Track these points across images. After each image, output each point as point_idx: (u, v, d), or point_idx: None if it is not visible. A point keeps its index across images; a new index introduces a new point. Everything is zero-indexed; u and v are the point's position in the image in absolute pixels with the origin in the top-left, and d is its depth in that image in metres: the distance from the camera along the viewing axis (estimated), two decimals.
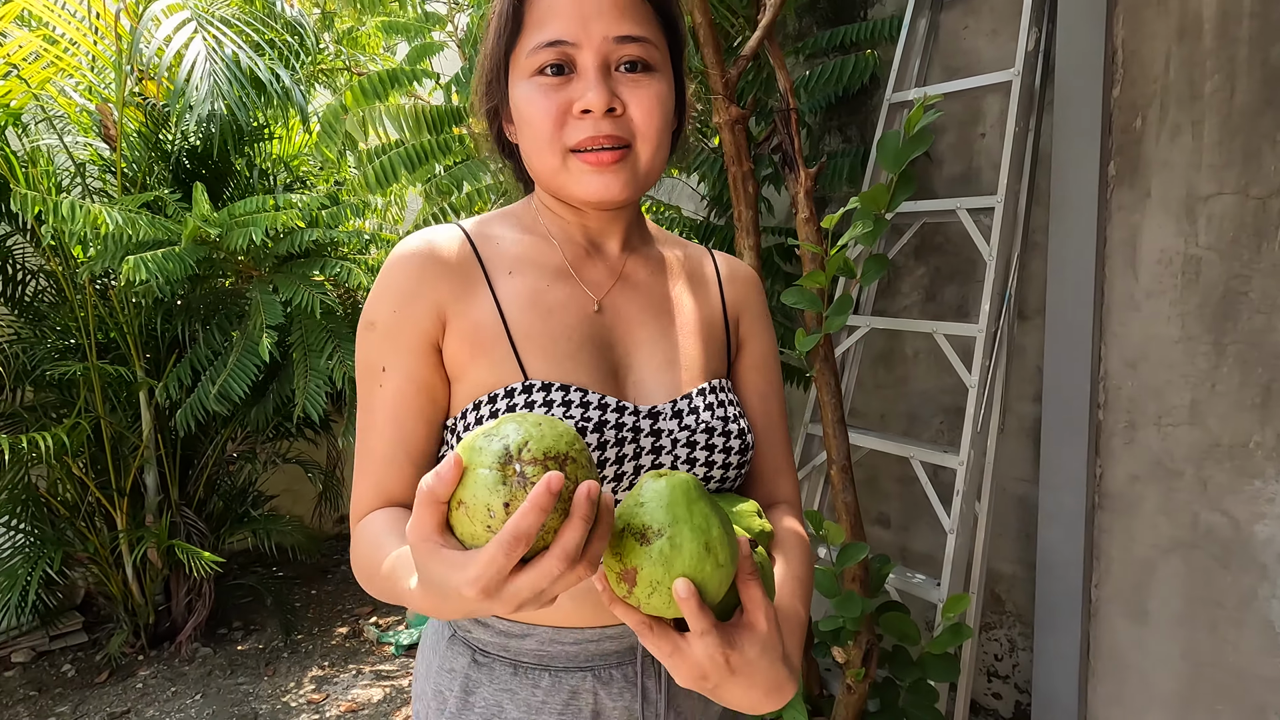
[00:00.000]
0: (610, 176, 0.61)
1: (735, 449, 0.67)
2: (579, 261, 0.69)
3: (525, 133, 0.63)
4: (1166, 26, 1.57)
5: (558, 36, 0.59)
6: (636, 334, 0.68)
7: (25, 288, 2.62)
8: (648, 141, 0.62)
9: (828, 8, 2.34)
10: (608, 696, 0.66)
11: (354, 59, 2.45)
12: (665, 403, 0.67)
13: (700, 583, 0.45)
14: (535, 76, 0.60)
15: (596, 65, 0.59)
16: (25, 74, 2.14)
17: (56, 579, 2.62)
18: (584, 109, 0.59)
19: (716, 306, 0.74)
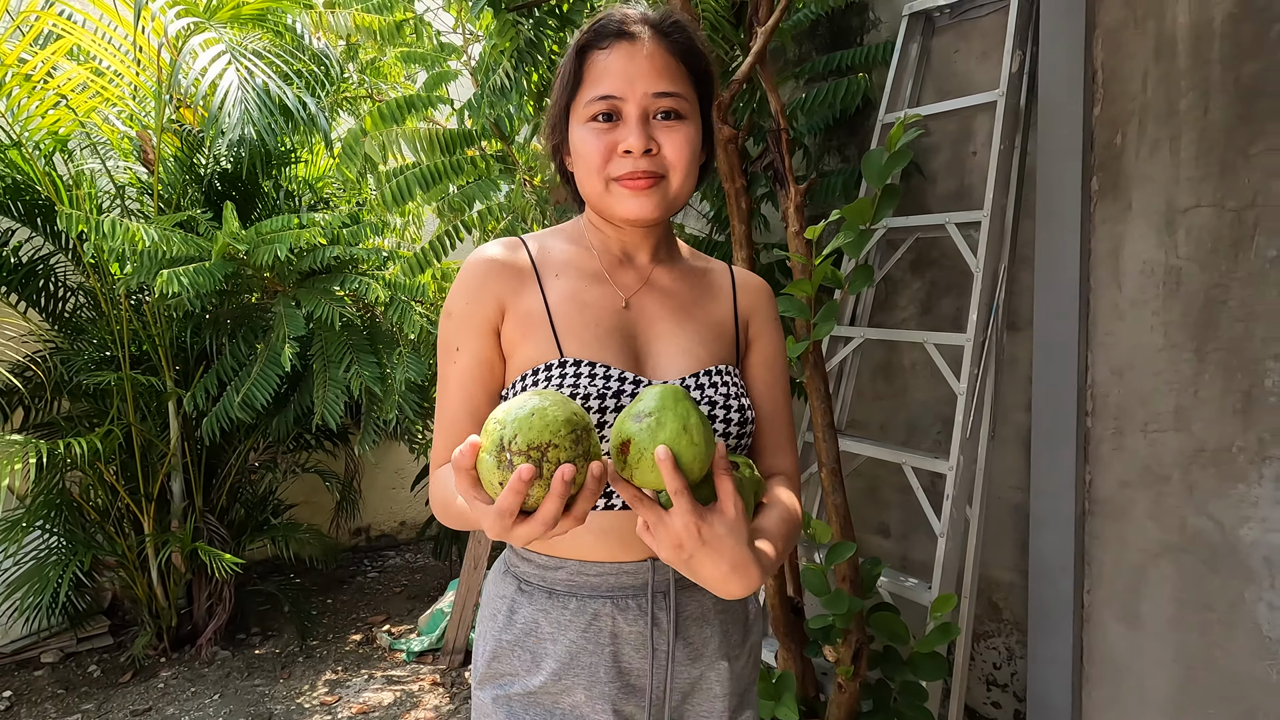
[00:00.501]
0: (645, 199, 0.77)
1: (735, 420, 0.79)
2: (613, 268, 0.85)
3: (579, 164, 0.80)
4: (1143, 47, 1.64)
5: (608, 92, 0.76)
6: (657, 327, 0.83)
7: (65, 303, 2.77)
8: (677, 172, 0.78)
9: (826, 33, 2.44)
10: (624, 621, 0.79)
11: (376, 87, 2.60)
12: (675, 379, 0.80)
13: (677, 454, 0.58)
14: (590, 122, 0.77)
15: (638, 115, 0.76)
16: (73, 103, 2.31)
17: (85, 582, 2.73)
18: (626, 149, 0.76)
19: (728, 310, 0.88)
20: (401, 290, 2.35)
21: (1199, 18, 1.55)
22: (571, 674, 0.79)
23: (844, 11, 2.36)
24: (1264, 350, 1.49)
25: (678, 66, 0.78)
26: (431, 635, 2.84)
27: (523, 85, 1.82)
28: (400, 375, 2.33)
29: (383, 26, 1.95)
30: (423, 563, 3.81)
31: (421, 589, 3.45)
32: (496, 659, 0.83)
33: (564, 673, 0.79)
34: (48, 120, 2.31)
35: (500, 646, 0.83)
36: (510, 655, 0.82)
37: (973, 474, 1.84)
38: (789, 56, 2.55)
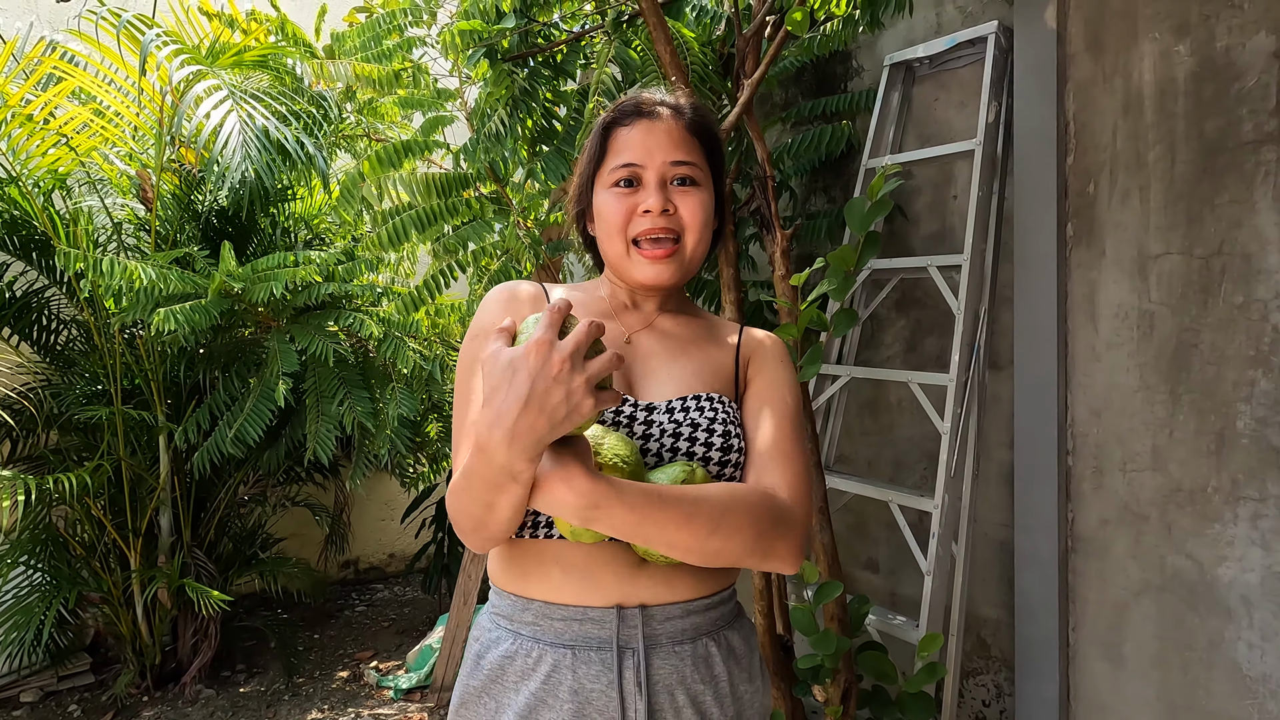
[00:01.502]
0: (662, 266, 0.84)
1: (717, 445, 0.78)
2: (620, 311, 0.90)
3: (601, 226, 0.86)
4: (1112, 102, 1.72)
5: (630, 160, 0.84)
6: (652, 361, 0.86)
7: (58, 336, 2.78)
8: (693, 232, 0.84)
9: (811, 79, 2.52)
10: (586, 676, 0.74)
11: (373, 127, 2.66)
12: (662, 400, 0.82)
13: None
14: (613, 188, 0.84)
15: (656, 181, 0.83)
16: (74, 143, 2.35)
17: (69, 619, 2.70)
18: (645, 209, 0.82)
19: (730, 354, 0.89)
20: (395, 326, 2.37)
21: (1164, 75, 1.63)
22: None
23: (828, 59, 2.44)
24: (1234, 393, 1.53)
25: (692, 141, 0.85)
26: (420, 672, 2.81)
27: (517, 131, 1.87)
28: (393, 411, 2.35)
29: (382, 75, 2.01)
30: (411, 596, 3.78)
31: (410, 623, 3.42)
32: (464, 705, 0.80)
33: None
34: (48, 159, 2.34)
35: (467, 693, 0.80)
36: (476, 703, 0.79)
37: (958, 511, 1.86)
38: (775, 101, 2.63)
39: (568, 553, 0.76)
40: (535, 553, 0.78)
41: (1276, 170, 1.47)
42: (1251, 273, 1.51)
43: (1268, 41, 1.48)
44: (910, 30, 2.21)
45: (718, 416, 0.80)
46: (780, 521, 0.73)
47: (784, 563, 0.75)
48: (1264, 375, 1.49)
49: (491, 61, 1.77)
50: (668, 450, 0.78)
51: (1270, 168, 1.48)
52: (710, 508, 0.68)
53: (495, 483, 0.62)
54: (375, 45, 2.02)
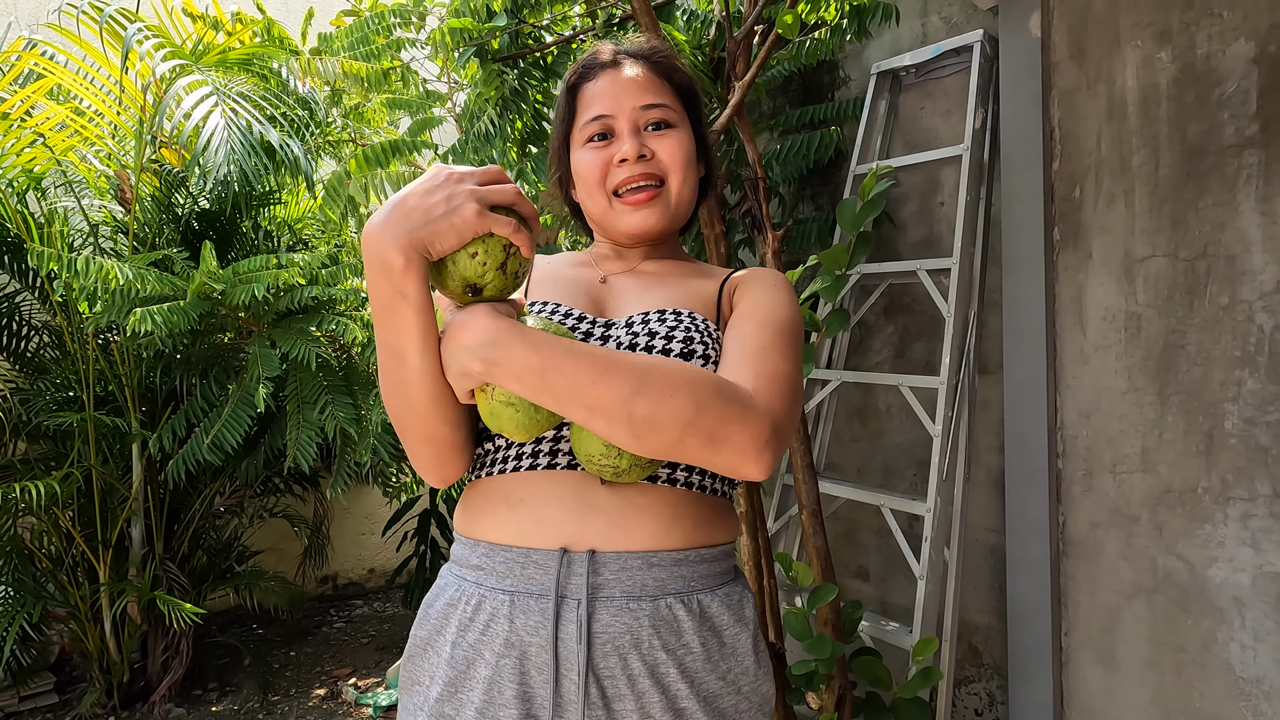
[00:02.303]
0: (647, 211, 0.79)
1: (676, 352, 0.69)
2: (601, 260, 0.87)
3: (580, 185, 0.82)
4: (1096, 109, 1.74)
5: (600, 112, 0.80)
6: (626, 296, 0.82)
7: (28, 342, 2.70)
8: (675, 174, 0.79)
9: (798, 89, 2.55)
10: (524, 629, 0.65)
11: (359, 131, 2.63)
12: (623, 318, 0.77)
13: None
14: (586, 144, 0.81)
15: (629, 128, 0.79)
16: (51, 142, 2.30)
17: (33, 635, 2.59)
18: (621, 158, 0.78)
19: (713, 284, 0.81)
20: None
21: (1146, 82, 1.66)
22: (466, 688, 0.66)
23: (815, 69, 2.47)
24: (1222, 394, 1.55)
25: (661, 83, 0.81)
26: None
27: (506, 131, 1.86)
28: (376, 417, 2.30)
29: (370, 74, 2.00)
30: (392, 612, 3.69)
31: (390, 639, 3.33)
32: (410, 660, 0.74)
33: (459, 684, 0.66)
34: (23, 158, 2.29)
35: (415, 645, 0.73)
36: (421, 656, 0.72)
37: (950, 515, 1.85)
38: (763, 109, 2.65)
39: (516, 487, 0.69)
40: (486, 490, 0.73)
41: (1259, 173, 1.49)
42: (1236, 274, 1.53)
43: (1247, 48, 1.51)
44: (896, 40, 2.24)
45: (679, 325, 0.72)
46: (732, 400, 0.61)
47: (742, 456, 0.60)
48: (1251, 375, 1.51)
49: (482, 61, 1.76)
50: None
51: (1252, 171, 1.50)
52: (634, 363, 0.60)
53: (389, 305, 0.61)
54: (364, 45, 2.01)
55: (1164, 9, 1.62)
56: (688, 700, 0.66)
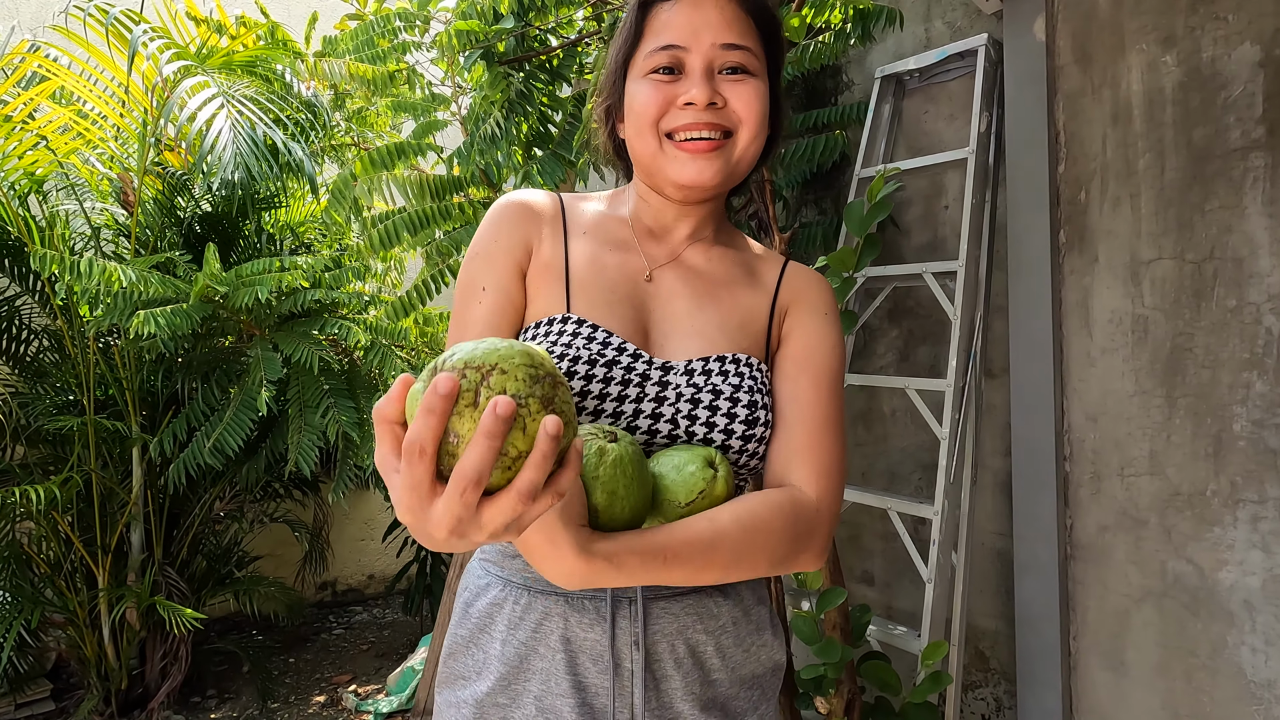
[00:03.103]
0: (704, 161, 0.69)
1: (740, 417, 0.68)
2: (644, 238, 0.77)
3: (631, 121, 0.72)
4: (1101, 112, 1.75)
5: (671, 41, 0.69)
6: (674, 304, 0.74)
7: (28, 346, 2.68)
8: (748, 128, 0.70)
9: (801, 93, 2.55)
10: (579, 625, 0.68)
11: (362, 135, 2.63)
12: (681, 360, 0.71)
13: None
14: (649, 75, 0.70)
15: (703, 68, 0.69)
16: (53, 145, 2.29)
17: (30, 641, 2.56)
18: (687, 101, 0.68)
19: (765, 300, 0.77)
20: (383, 335, 2.32)
21: (1151, 86, 1.66)
22: (521, 680, 0.69)
23: (819, 73, 2.48)
24: (1230, 396, 1.54)
25: (747, 22, 0.71)
26: (401, 695, 2.71)
27: (512, 134, 1.86)
28: None
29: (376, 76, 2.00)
30: (392, 618, 3.66)
31: (390, 646, 3.30)
32: (451, 656, 0.74)
33: (513, 678, 0.69)
34: (25, 161, 2.28)
35: (455, 643, 0.74)
36: (464, 654, 0.73)
37: (957, 519, 1.85)
38: None
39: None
40: None
41: (1265, 176, 1.50)
42: (1243, 276, 1.53)
43: (1252, 52, 1.51)
44: (899, 45, 2.24)
45: (743, 384, 0.69)
46: (805, 533, 0.65)
47: (806, 566, 0.68)
48: (1259, 378, 1.51)
49: (488, 64, 1.76)
50: (684, 418, 0.68)
51: (1259, 174, 1.51)
52: (727, 549, 0.59)
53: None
54: (369, 48, 2.01)
55: (1169, 13, 1.63)
56: (720, 673, 0.72)
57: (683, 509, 0.60)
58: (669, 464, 0.62)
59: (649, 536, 0.56)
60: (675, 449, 0.64)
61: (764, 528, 0.62)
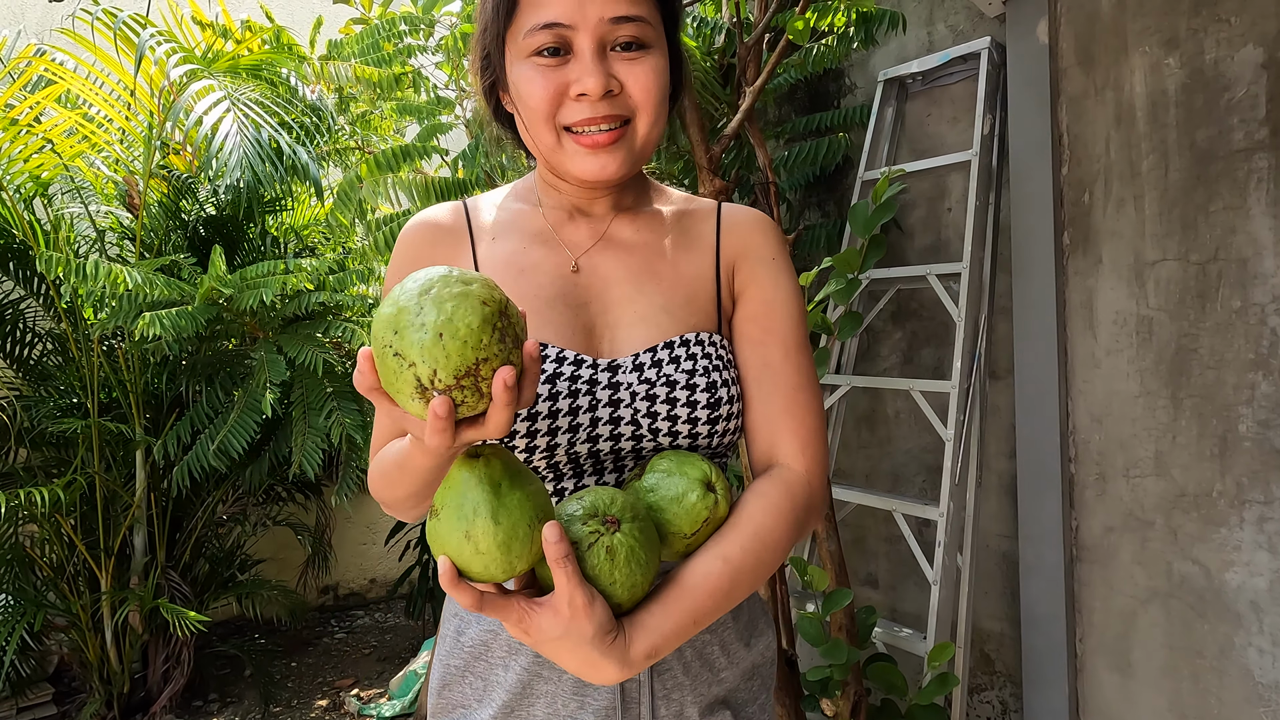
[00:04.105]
0: (606, 156, 0.63)
1: (701, 403, 0.64)
2: (560, 224, 0.71)
3: (524, 110, 0.65)
4: (1104, 114, 1.75)
5: (554, 19, 0.61)
6: (612, 292, 0.69)
7: (32, 349, 2.69)
8: (646, 114, 0.64)
9: (804, 97, 2.56)
10: None
11: (367, 139, 2.64)
12: (630, 354, 0.66)
13: (463, 565, 0.51)
14: (532, 57, 0.62)
15: (593, 48, 0.61)
16: (59, 148, 2.30)
17: (32, 645, 2.56)
18: (580, 92, 0.61)
19: (708, 260, 0.71)
20: None
21: (1154, 87, 1.67)
22: (526, 704, 0.66)
23: (822, 76, 2.48)
24: (1235, 396, 1.54)
25: None
26: (404, 699, 2.70)
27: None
28: None
29: (381, 79, 2.01)
30: (394, 622, 3.65)
31: (392, 650, 3.30)
32: (446, 687, 0.71)
33: (517, 704, 0.66)
34: (31, 164, 2.29)
35: (449, 673, 0.71)
36: (460, 683, 0.70)
37: (962, 521, 1.84)
38: (769, 117, 2.66)
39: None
40: None
41: (1269, 177, 1.50)
42: (1248, 277, 1.53)
43: (1255, 53, 1.52)
44: (902, 48, 2.25)
45: (696, 366, 0.65)
46: (804, 516, 0.65)
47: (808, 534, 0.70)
48: (1264, 378, 1.51)
49: None
50: (644, 417, 0.64)
51: (1263, 174, 1.51)
52: (746, 580, 0.59)
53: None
54: (374, 51, 2.02)
55: (1171, 15, 1.63)
56: (727, 670, 0.70)
57: (688, 539, 0.59)
58: (666, 493, 0.59)
59: (676, 610, 0.56)
60: (665, 470, 0.61)
61: (771, 541, 0.61)
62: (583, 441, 0.65)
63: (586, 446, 0.65)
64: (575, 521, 0.54)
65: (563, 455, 0.65)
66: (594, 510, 0.55)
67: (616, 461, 0.67)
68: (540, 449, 0.65)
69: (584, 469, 0.67)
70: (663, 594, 0.57)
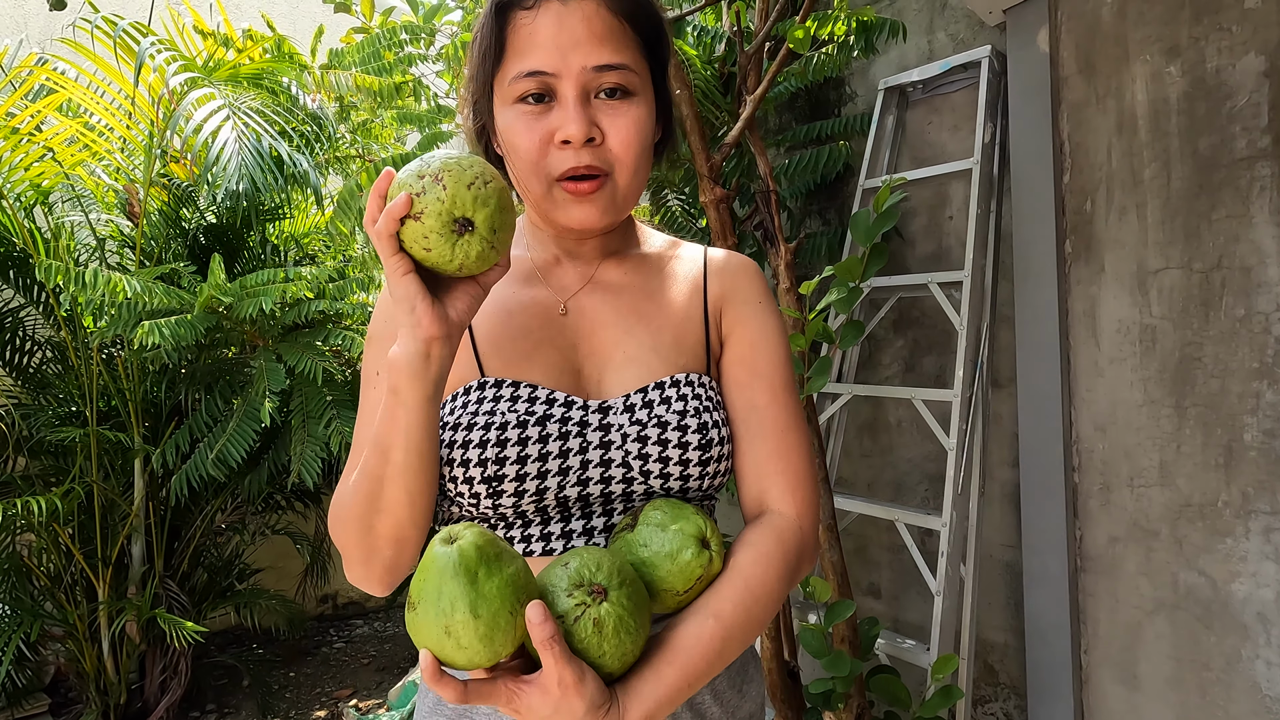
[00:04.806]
0: (589, 206, 0.64)
1: (693, 444, 0.64)
2: (549, 267, 0.72)
3: (512, 158, 0.66)
4: (1106, 122, 1.75)
5: (538, 67, 0.62)
6: (601, 334, 0.69)
7: (31, 357, 2.68)
8: (625, 168, 0.64)
9: (805, 105, 2.56)
10: None
11: (367, 147, 2.64)
12: (620, 396, 0.66)
13: (445, 658, 0.50)
14: (518, 104, 0.63)
15: (575, 95, 0.62)
16: (60, 156, 2.30)
17: (29, 655, 2.54)
18: (564, 139, 0.62)
19: (695, 301, 0.72)
20: None
21: (1156, 96, 1.66)
22: None
23: (822, 85, 2.49)
24: (1240, 405, 1.53)
25: (623, 30, 0.64)
26: (403, 710, 2.67)
27: None
28: None
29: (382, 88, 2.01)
30: (392, 632, 3.63)
31: (391, 660, 3.27)
32: None
33: None
34: (31, 173, 2.29)
35: None
36: None
37: (965, 530, 1.83)
38: (770, 125, 2.66)
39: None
40: None
41: (1272, 185, 1.49)
42: (1252, 285, 1.52)
43: (1257, 62, 1.52)
44: (903, 56, 2.25)
45: (688, 407, 0.65)
46: (796, 562, 0.65)
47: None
48: (1269, 387, 1.50)
49: None
50: (635, 458, 0.64)
51: (1265, 183, 1.50)
52: (738, 637, 0.59)
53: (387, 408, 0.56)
54: (375, 60, 2.02)
55: (1172, 24, 1.63)
56: (713, 711, 0.69)
57: (680, 596, 0.58)
58: (659, 549, 0.58)
59: (669, 674, 0.55)
60: (659, 523, 0.59)
61: (764, 594, 0.61)
62: (572, 484, 0.64)
63: (576, 490, 0.64)
64: (560, 594, 0.53)
65: (551, 499, 0.64)
66: (579, 579, 0.53)
67: (605, 505, 0.66)
68: (529, 493, 0.63)
69: (572, 513, 0.65)
70: (654, 657, 0.56)
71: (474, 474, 0.62)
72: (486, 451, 0.62)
